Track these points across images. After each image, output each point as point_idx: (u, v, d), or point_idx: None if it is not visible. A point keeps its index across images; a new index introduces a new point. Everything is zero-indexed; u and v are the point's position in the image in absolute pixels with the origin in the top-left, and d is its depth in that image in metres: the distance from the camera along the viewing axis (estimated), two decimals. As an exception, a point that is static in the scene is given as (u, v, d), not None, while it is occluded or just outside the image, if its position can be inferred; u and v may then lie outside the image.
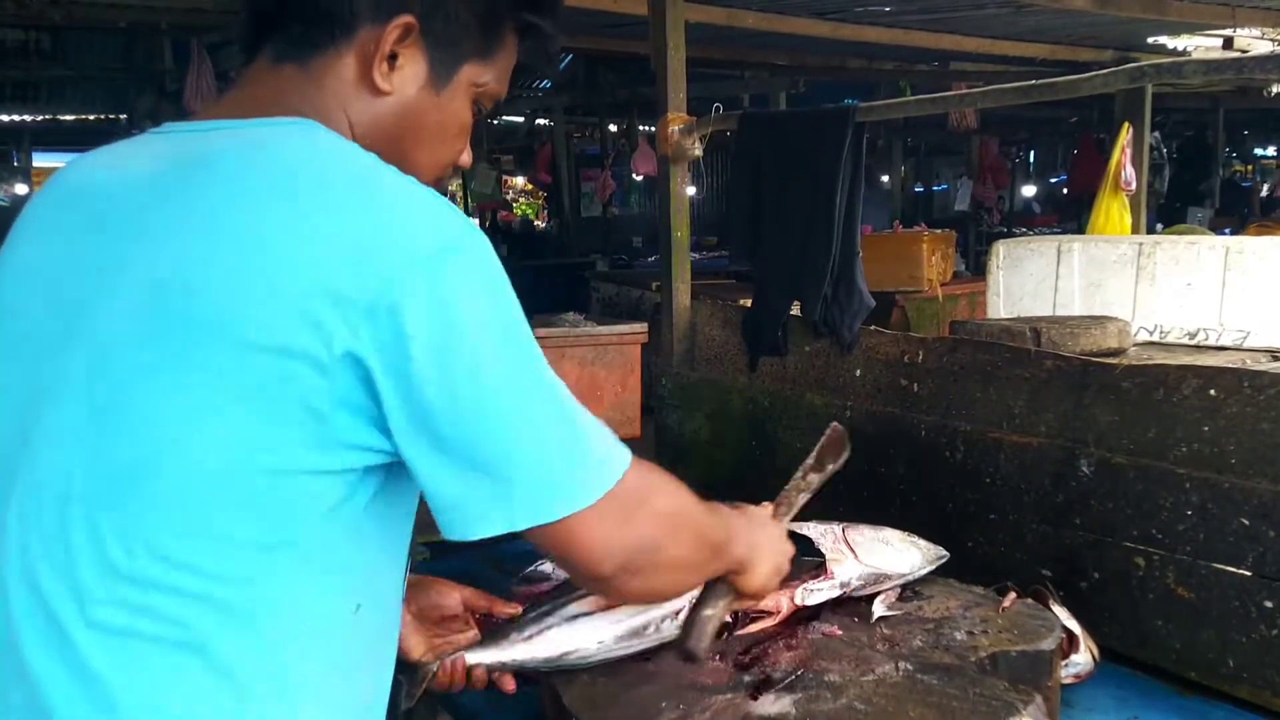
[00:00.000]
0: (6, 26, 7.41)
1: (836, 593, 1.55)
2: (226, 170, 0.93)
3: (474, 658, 1.40)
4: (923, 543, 1.68)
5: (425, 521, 1.02)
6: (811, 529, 1.62)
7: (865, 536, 1.63)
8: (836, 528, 1.63)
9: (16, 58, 7.98)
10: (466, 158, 1.13)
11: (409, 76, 1.03)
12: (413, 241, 0.88)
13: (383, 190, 0.91)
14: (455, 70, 1.06)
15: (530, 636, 1.39)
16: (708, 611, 1.26)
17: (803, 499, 1.44)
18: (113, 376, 0.89)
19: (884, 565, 1.59)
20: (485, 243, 0.93)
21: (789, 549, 1.34)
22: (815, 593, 1.54)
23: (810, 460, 1.48)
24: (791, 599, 1.52)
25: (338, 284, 0.85)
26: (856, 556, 1.57)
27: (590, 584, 1.07)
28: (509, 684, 1.40)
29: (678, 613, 1.46)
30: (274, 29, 1.03)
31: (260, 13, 1.04)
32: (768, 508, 1.41)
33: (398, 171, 0.94)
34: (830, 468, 1.49)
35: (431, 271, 0.87)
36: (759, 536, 1.28)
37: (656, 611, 1.44)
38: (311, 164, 0.93)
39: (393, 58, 1.01)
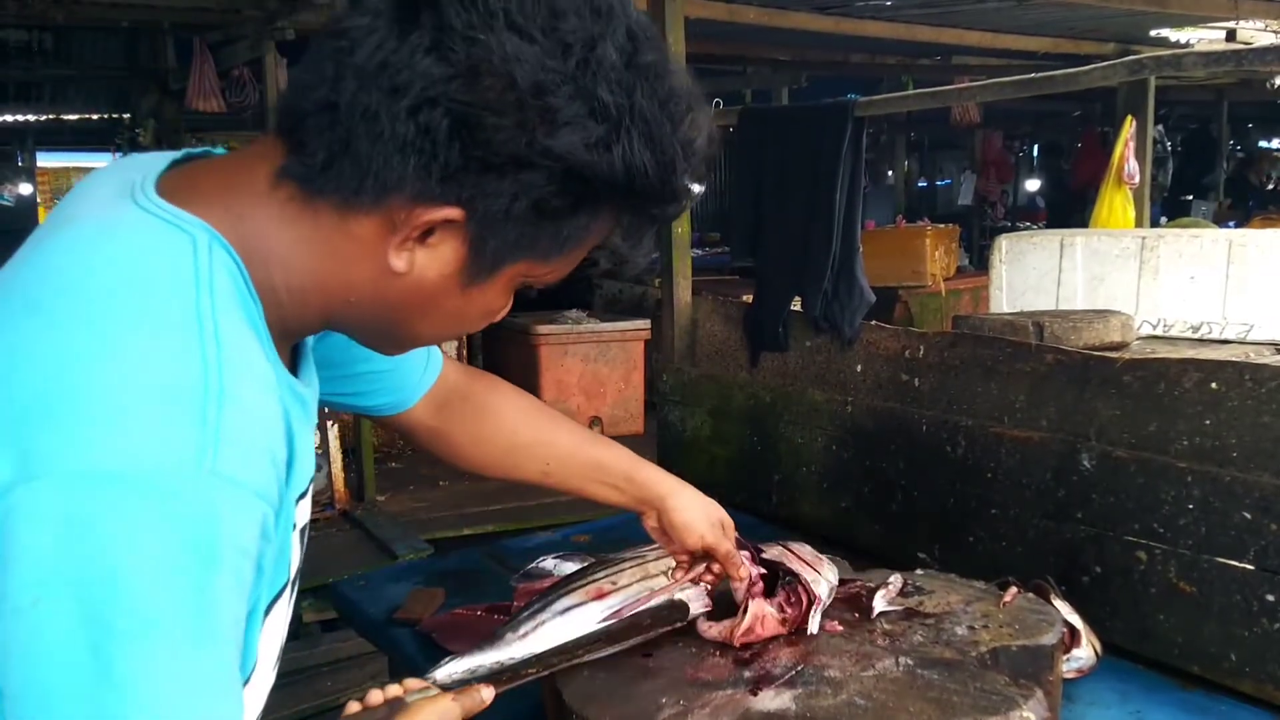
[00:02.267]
0: (9, 27, 7.42)
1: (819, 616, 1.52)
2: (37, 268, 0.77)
3: (473, 661, 1.39)
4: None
5: (429, 518, 1.01)
6: (768, 552, 1.58)
7: (806, 552, 1.59)
8: (775, 549, 1.59)
9: (19, 57, 7.98)
10: (479, 328, 0.95)
11: (436, 259, 0.83)
12: (66, 447, 0.67)
13: (88, 377, 0.69)
14: (497, 270, 0.85)
15: (526, 634, 1.39)
16: None
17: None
18: None
19: (834, 578, 1.57)
20: (188, 500, 0.68)
21: None
22: (814, 620, 1.51)
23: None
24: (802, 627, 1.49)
25: None
26: (820, 573, 1.54)
27: None
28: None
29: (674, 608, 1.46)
30: (296, 138, 0.81)
31: (291, 111, 0.82)
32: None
33: (145, 343, 0.71)
34: None
35: (61, 493, 0.66)
36: None
37: (654, 603, 1.44)
38: (74, 283, 0.74)
39: (427, 232, 0.81)
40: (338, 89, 0.77)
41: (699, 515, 1.48)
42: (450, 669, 1.38)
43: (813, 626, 1.48)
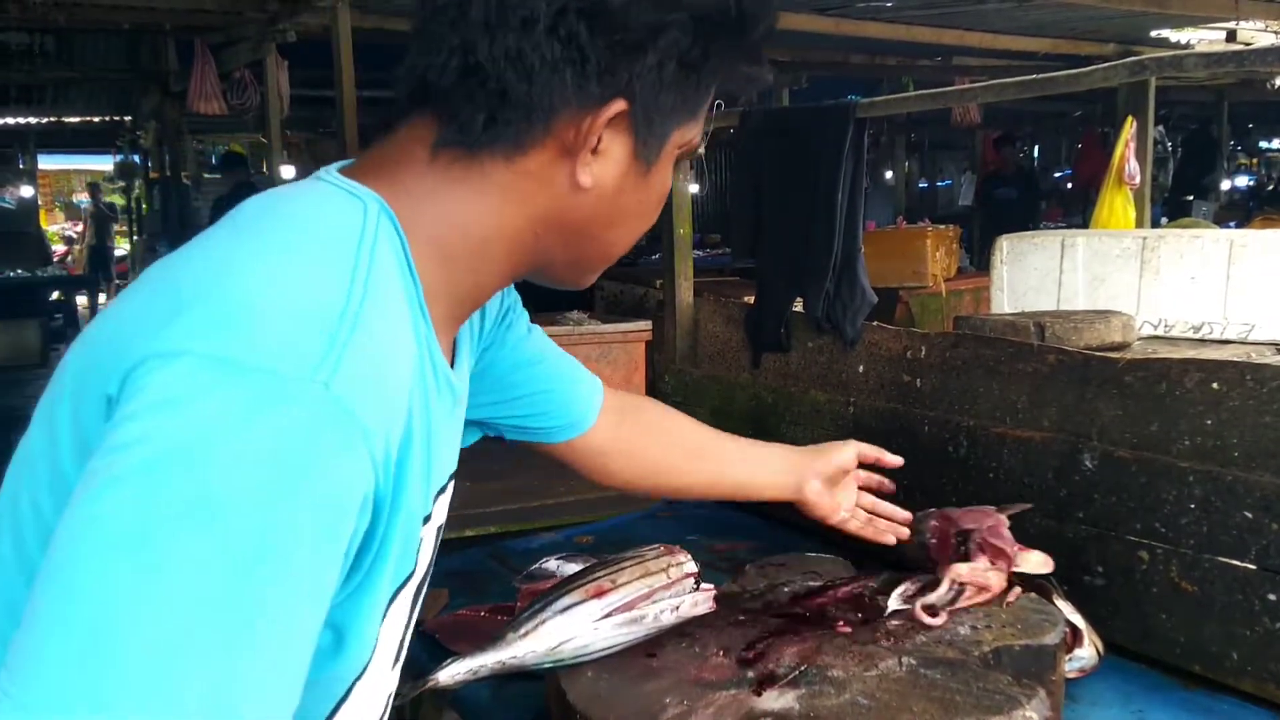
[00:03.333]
0: (11, 29, 7.43)
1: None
2: (215, 232, 0.83)
3: (476, 662, 1.40)
4: None
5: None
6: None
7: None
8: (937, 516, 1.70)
9: (21, 60, 8.00)
10: (655, 218, 0.98)
11: (612, 161, 0.86)
12: (200, 329, 0.69)
13: (243, 276, 0.73)
14: (665, 142, 0.88)
15: (527, 633, 1.40)
16: None
17: None
18: None
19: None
20: (294, 400, 0.67)
21: None
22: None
23: None
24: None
25: (130, 350, 0.71)
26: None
27: None
28: None
29: (677, 607, 1.46)
30: (440, 108, 0.84)
31: (426, 85, 0.83)
32: None
33: (302, 265, 0.74)
34: None
35: (183, 369, 0.67)
36: None
37: (653, 607, 1.45)
38: (250, 239, 0.78)
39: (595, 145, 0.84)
40: (473, 50, 0.80)
41: (836, 448, 1.69)
42: (453, 670, 1.39)
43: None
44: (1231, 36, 5.79)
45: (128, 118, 10.65)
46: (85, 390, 0.74)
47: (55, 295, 11.55)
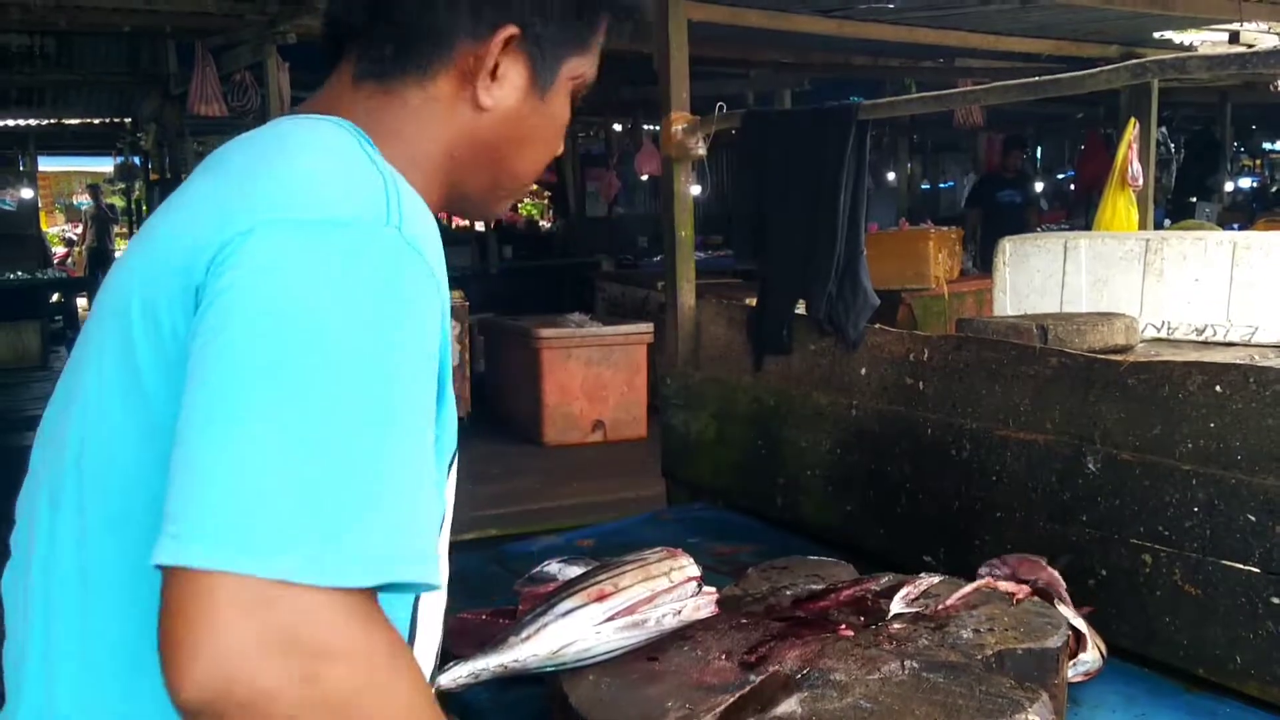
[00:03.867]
0: (12, 31, 7.43)
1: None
2: (229, 154, 0.90)
3: (478, 665, 1.40)
4: None
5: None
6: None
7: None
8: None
9: (22, 62, 8.01)
10: (560, 147, 1.07)
11: (511, 86, 0.96)
12: (278, 206, 0.78)
13: (292, 162, 0.83)
14: (558, 70, 0.99)
15: (529, 636, 1.39)
16: None
17: None
18: None
19: None
20: (378, 241, 0.77)
21: None
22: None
23: None
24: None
25: (203, 242, 0.78)
26: None
27: (167, 683, 0.66)
28: None
29: (679, 611, 1.46)
30: (357, 45, 0.95)
31: (342, 26, 0.96)
32: None
33: (334, 151, 0.84)
34: None
35: (272, 235, 0.75)
36: None
37: (655, 610, 1.44)
38: (275, 142, 0.87)
39: (493, 68, 0.94)
40: None
41: None
42: (455, 673, 1.39)
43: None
44: (1235, 38, 5.79)
45: (128, 120, 10.66)
46: (158, 295, 0.79)
47: (55, 297, 11.56)
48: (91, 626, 0.83)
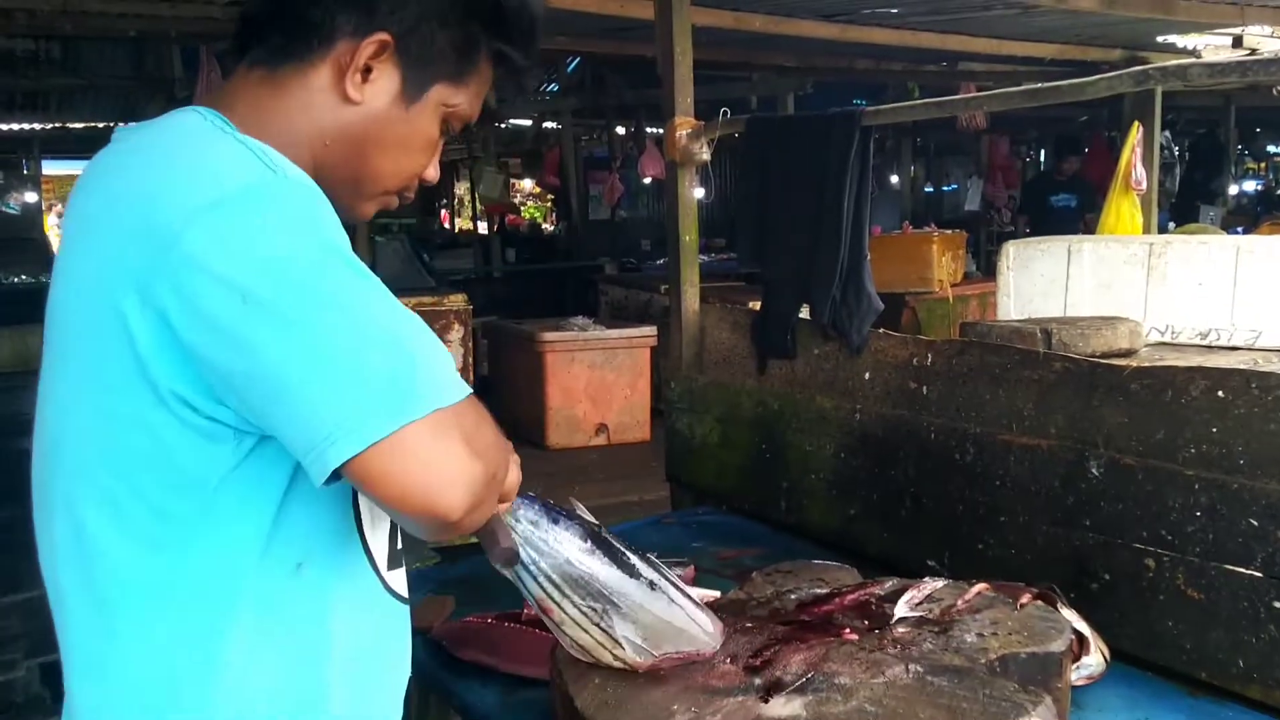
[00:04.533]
0: (17, 36, 7.45)
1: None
2: (115, 162, 1.03)
3: (537, 532, 1.28)
4: None
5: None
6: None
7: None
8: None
9: (27, 67, 8.03)
10: (432, 172, 1.16)
11: (380, 90, 1.07)
12: (186, 203, 0.91)
13: (184, 154, 0.97)
14: (426, 89, 1.09)
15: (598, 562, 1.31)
16: (490, 523, 1.13)
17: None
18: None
19: None
20: (270, 187, 0.94)
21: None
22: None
23: None
24: None
25: (136, 243, 0.92)
26: None
27: (435, 532, 0.94)
28: None
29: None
30: (257, 37, 1.08)
31: (248, 20, 1.10)
32: None
33: (220, 143, 0.98)
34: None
35: (209, 219, 0.90)
36: None
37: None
38: (156, 147, 1.00)
39: (367, 70, 1.06)
40: None
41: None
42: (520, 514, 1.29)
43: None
44: (1238, 42, 5.79)
45: (132, 124, 10.69)
46: (110, 320, 0.92)
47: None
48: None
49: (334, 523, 1.04)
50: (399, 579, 1.13)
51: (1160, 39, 6.62)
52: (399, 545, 1.13)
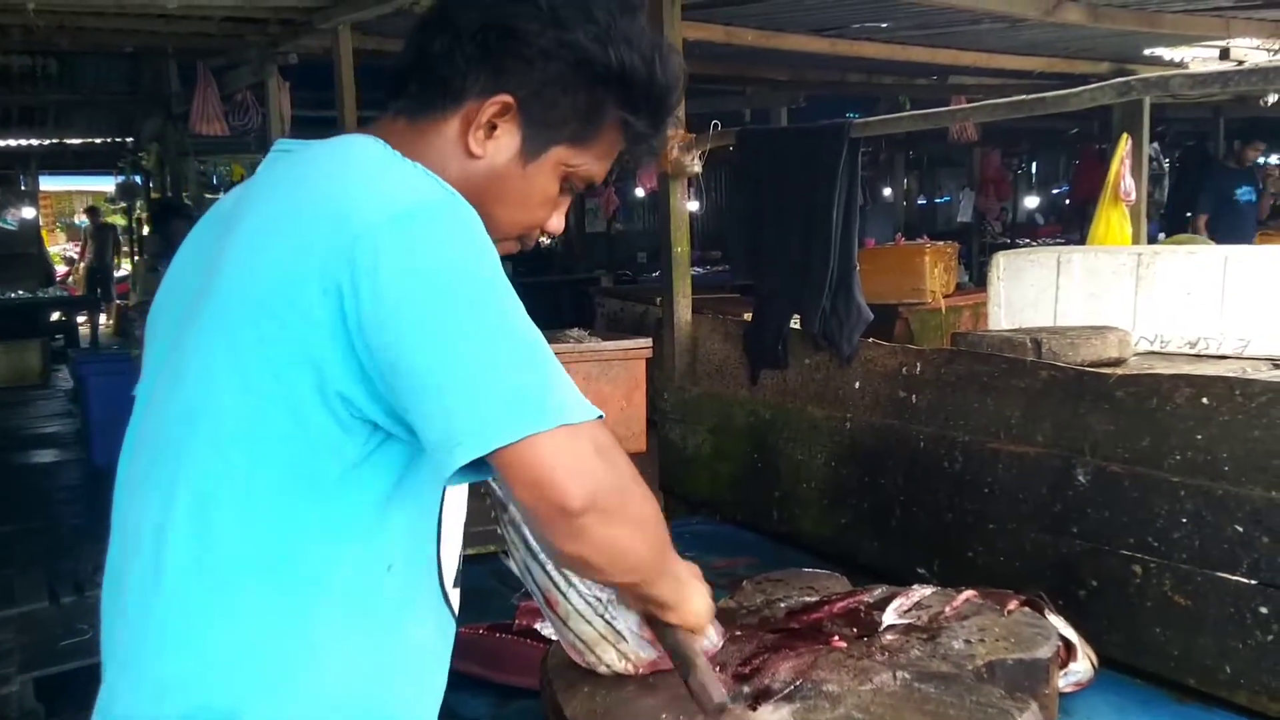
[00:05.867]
0: (14, 52, 7.48)
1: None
2: (297, 169, 1.10)
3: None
4: None
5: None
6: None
7: None
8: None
9: (24, 82, 8.05)
10: (555, 224, 1.22)
11: (502, 146, 1.14)
12: (380, 207, 0.99)
13: (374, 167, 1.05)
14: (545, 149, 1.15)
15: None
16: (698, 663, 1.21)
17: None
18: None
19: None
20: (456, 207, 1.02)
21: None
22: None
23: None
24: None
25: (328, 240, 0.98)
26: None
27: (556, 522, 1.00)
28: None
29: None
30: (402, 88, 1.16)
31: (397, 72, 1.18)
32: None
33: (403, 163, 1.06)
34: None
35: (405, 224, 0.98)
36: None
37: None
38: (345, 159, 1.08)
39: (492, 127, 1.13)
40: (424, 46, 1.15)
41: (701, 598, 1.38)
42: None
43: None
44: (1225, 54, 5.83)
45: (129, 139, 10.70)
46: (287, 303, 0.98)
47: (56, 315, 11.57)
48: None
49: (423, 533, 1.11)
50: (456, 598, 1.20)
51: (1148, 52, 6.66)
52: (461, 566, 1.20)
